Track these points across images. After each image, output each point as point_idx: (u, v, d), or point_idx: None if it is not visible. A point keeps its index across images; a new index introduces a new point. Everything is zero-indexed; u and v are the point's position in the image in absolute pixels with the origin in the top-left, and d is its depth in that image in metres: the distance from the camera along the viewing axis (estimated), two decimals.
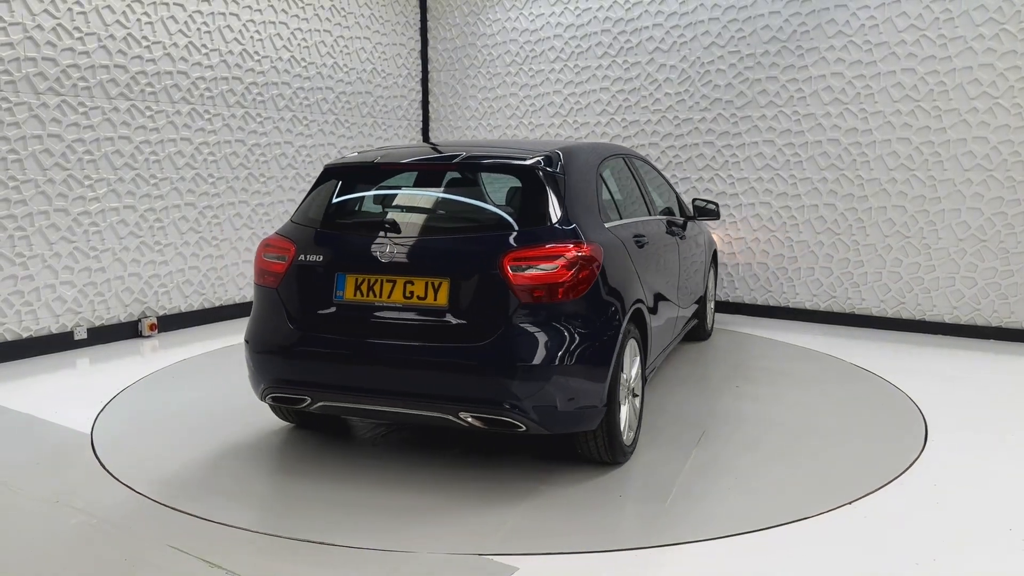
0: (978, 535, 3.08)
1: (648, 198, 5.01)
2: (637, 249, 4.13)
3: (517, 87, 8.63)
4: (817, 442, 4.11)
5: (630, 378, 3.82)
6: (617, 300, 3.61)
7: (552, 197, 3.57)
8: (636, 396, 3.94)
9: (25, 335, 5.63)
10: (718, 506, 3.34)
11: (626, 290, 3.75)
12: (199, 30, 6.61)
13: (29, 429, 4.22)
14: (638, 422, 3.98)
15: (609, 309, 3.54)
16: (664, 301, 4.64)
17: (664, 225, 4.99)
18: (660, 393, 4.94)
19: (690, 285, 5.50)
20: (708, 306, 6.36)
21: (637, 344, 3.94)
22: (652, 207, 5.01)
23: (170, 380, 5.20)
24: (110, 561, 2.85)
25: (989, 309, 6.48)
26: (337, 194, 3.88)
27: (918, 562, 2.86)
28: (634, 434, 3.90)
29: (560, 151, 3.84)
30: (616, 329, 3.55)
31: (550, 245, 3.39)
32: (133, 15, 6.10)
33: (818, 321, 7.20)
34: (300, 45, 7.59)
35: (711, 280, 6.46)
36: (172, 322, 6.63)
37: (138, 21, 6.14)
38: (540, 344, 3.29)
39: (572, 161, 3.85)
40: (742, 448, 4.02)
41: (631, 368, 3.84)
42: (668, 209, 5.44)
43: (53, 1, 5.57)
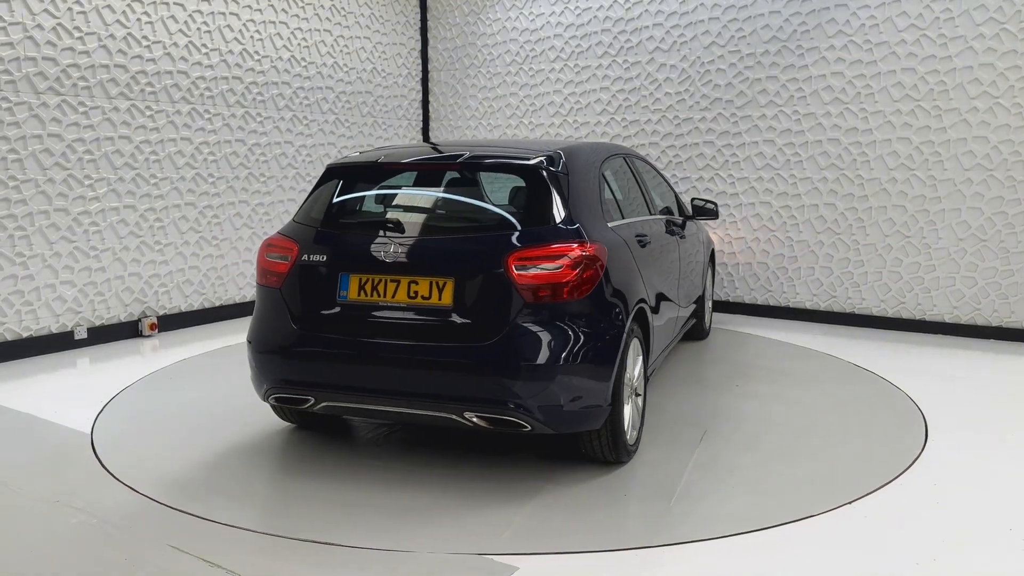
0: (978, 535, 3.08)
1: (648, 198, 5.01)
2: (640, 249, 4.13)
3: (517, 87, 8.63)
4: (817, 442, 4.11)
5: (633, 377, 3.82)
6: (621, 300, 3.62)
7: (556, 197, 3.57)
8: (639, 395, 3.94)
9: (25, 335, 5.63)
10: (721, 506, 3.34)
11: (629, 289, 3.75)
12: (199, 30, 6.61)
13: (29, 429, 4.22)
14: (641, 421, 3.98)
15: (613, 309, 3.54)
16: (665, 300, 4.64)
17: (664, 225, 5.00)
18: (660, 392, 4.94)
19: (689, 284, 5.50)
20: (706, 305, 6.38)
21: (640, 343, 3.94)
22: (652, 207, 5.02)
23: (170, 380, 5.20)
24: (110, 561, 2.85)
25: (989, 309, 6.48)
26: (340, 194, 3.87)
27: (918, 562, 2.86)
28: (637, 433, 3.91)
29: (562, 151, 3.84)
30: (620, 328, 3.55)
31: (554, 245, 3.39)
32: (133, 15, 6.10)
33: (818, 321, 7.20)
34: (300, 45, 7.59)
35: (709, 279, 6.47)
36: (172, 322, 6.63)
37: (138, 21, 6.14)
38: (545, 344, 3.29)
39: (574, 161, 3.85)
40: (743, 448, 4.02)
41: (634, 367, 3.85)
42: (667, 209, 5.45)
43: (53, 1, 5.57)
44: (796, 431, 4.27)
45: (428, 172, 4.12)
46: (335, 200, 3.86)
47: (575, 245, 3.41)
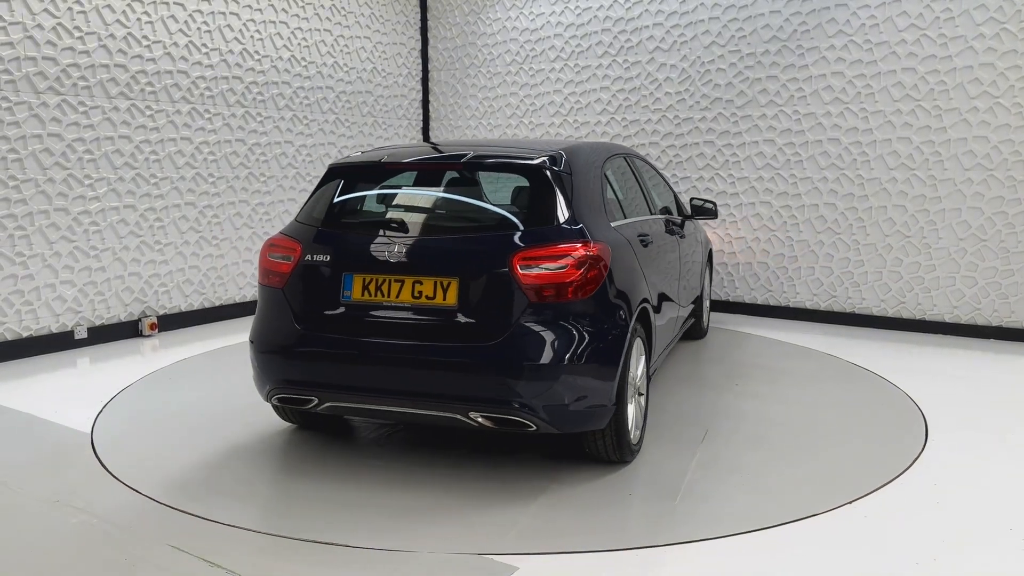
0: (978, 535, 3.08)
1: (649, 197, 5.02)
2: (642, 248, 4.14)
3: (517, 86, 8.63)
4: (818, 441, 4.11)
5: (636, 377, 3.83)
6: (624, 299, 3.62)
7: (559, 196, 3.57)
8: (642, 395, 3.94)
9: (25, 334, 5.62)
10: (722, 505, 3.34)
11: (633, 289, 3.75)
12: (199, 29, 6.61)
13: (29, 429, 4.22)
14: (643, 421, 3.99)
15: (617, 308, 3.54)
16: (667, 300, 4.65)
17: (664, 224, 5.00)
18: (661, 392, 4.94)
19: (689, 284, 5.52)
20: (704, 304, 6.40)
21: (643, 343, 3.94)
22: (653, 206, 5.02)
23: (170, 380, 5.19)
24: (110, 561, 2.84)
25: (989, 308, 6.49)
26: (342, 193, 3.87)
27: (918, 562, 2.86)
28: (640, 433, 3.91)
29: (564, 150, 3.84)
30: (624, 328, 3.55)
31: (559, 245, 3.40)
32: (133, 14, 6.09)
33: (818, 321, 7.20)
34: (300, 44, 7.59)
35: (707, 279, 6.48)
36: (172, 321, 6.63)
37: (138, 20, 6.13)
38: (549, 343, 3.30)
39: (577, 160, 3.85)
40: (744, 447, 4.02)
41: (637, 367, 3.85)
42: (666, 208, 5.45)
43: (53, 1, 5.57)
44: (796, 431, 4.27)
45: (431, 172, 4.12)
46: (338, 200, 3.85)
47: (579, 245, 3.41)
